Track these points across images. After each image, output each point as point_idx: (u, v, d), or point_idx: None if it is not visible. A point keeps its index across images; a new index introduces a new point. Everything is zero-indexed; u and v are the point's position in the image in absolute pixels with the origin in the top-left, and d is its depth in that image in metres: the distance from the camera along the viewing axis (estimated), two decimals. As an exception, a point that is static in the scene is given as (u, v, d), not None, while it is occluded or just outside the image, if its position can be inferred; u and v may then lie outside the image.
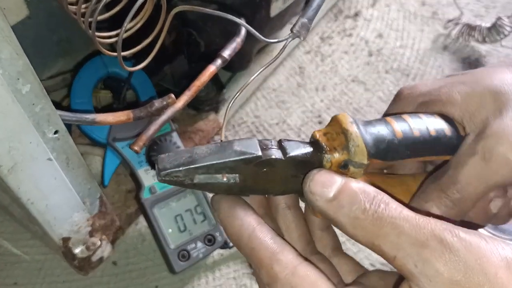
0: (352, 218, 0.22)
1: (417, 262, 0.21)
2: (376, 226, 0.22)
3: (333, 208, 0.23)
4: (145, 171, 0.56)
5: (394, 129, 0.27)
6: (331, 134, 0.26)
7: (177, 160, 0.24)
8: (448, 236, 0.21)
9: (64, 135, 0.42)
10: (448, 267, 0.20)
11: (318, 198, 0.23)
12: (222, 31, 0.61)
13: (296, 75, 0.83)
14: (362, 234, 0.22)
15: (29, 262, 0.61)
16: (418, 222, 0.21)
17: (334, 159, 0.25)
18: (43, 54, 0.67)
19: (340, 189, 0.23)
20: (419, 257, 0.21)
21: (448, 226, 0.21)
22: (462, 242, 0.21)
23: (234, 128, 0.75)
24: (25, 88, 0.36)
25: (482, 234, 0.22)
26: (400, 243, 0.21)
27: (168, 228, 0.56)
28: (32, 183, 0.41)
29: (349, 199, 0.23)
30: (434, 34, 0.89)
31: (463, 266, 0.20)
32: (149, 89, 0.63)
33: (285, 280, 0.23)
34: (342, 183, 0.23)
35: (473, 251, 0.21)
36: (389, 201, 0.22)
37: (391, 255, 0.22)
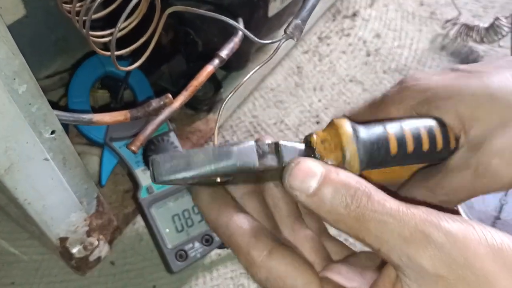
0: (334, 214, 0.22)
1: (401, 257, 0.21)
2: (358, 222, 0.21)
3: (314, 204, 0.22)
4: (142, 171, 0.56)
5: (391, 146, 0.27)
6: (329, 143, 0.26)
7: (172, 167, 0.23)
8: (433, 231, 0.20)
9: (61, 135, 0.42)
10: (432, 262, 0.20)
11: (298, 194, 0.22)
12: (220, 30, 0.61)
13: (294, 75, 0.83)
14: (346, 228, 0.22)
15: (27, 262, 0.61)
16: (402, 216, 0.21)
17: None
18: (40, 53, 0.67)
19: (320, 183, 0.22)
20: (403, 252, 0.21)
21: (433, 219, 0.21)
22: (448, 235, 0.20)
23: (231, 128, 0.75)
24: (21, 88, 0.35)
25: (469, 221, 0.21)
26: (383, 238, 0.21)
27: (166, 228, 0.56)
28: (29, 183, 0.41)
29: (330, 194, 0.22)
30: (432, 34, 0.89)
31: (448, 261, 0.20)
32: (147, 88, 0.63)
33: (261, 263, 0.24)
34: (322, 176, 0.22)
35: (458, 244, 0.20)
36: (371, 192, 0.22)
37: (375, 248, 0.21)
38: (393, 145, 0.27)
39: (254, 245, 0.24)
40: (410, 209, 0.21)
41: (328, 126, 0.27)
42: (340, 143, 0.25)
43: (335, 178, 0.22)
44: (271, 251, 0.24)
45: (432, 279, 0.20)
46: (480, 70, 0.30)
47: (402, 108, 0.30)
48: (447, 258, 0.20)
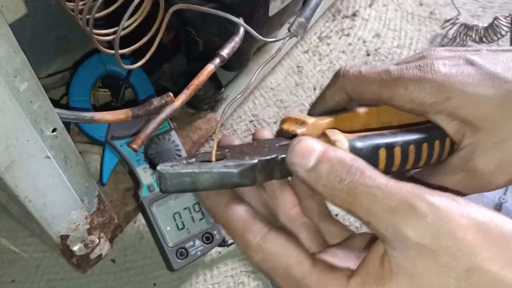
0: (330, 188, 0.23)
1: (388, 227, 0.22)
2: (351, 195, 0.23)
3: (312, 178, 0.24)
4: (143, 169, 0.56)
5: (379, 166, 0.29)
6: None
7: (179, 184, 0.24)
8: (417, 202, 0.21)
9: (62, 133, 0.42)
10: (416, 232, 0.21)
11: (298, 169, 0.24)
12: (221, 30, 0.61)
13: (294, 74, 0.83)
14: (339, 201, 0.24)
15: (27, 259, 0.61)
16: (390, 189, 0.22)
17: None
18: (41, 52, 0.67)
19: (318, 159, 0.24)
20: (389, 222, 0.22)
21: (419, 192, 0.22)
22: (431, 207, 0.21)
23: (232, 126, 0.75)
24: (22, 85, 0.36)
25: (455, 196, 0.22)
26: (372, 210, 0.22)
27: (167, 226, 0.56)
28: (29, 181, 0.41)
29: (326, 169, 0.23)
30: (432, 34, 0.89)
31: (431, 231, 0.21)
32: (148, 87, 0.63)
33: (256, 246, 0.25)
34: (321, 153, 0.24)
35: (441, 215, 0.21)
36: (364, 169, 0.23)
37: (365, 220, 0.23)
38: (381, 165, 0.29)
39: (249, 228, 0.26)
40: (398, 183, 0.23)
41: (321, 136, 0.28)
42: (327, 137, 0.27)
43: (332, 155, 0.24)
44: (266, 234, 0.26)
45: (416, 249, 0.21)
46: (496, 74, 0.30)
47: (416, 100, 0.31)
48: (430, 228, 0.21)
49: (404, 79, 0.31)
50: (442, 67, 0.30)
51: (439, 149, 0.31)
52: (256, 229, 0.26)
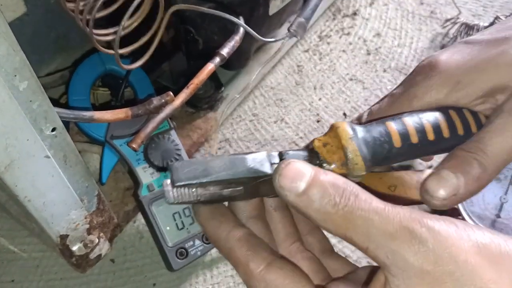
0: (323, 213, 0.22)
1: (388, 254, 0.21)
2: (346, 220, 0.22)
3: (303, 203, 0.23)
4: (143, 169, 0.56)
5: (393, 139, 0.28)
6: (331, 146, 0.26)
7: (190, 172, 0.24)
8: (417, 227, 0.21)
9: (62, 132, 0.42)
10: (417, 258, 0.21)
11: (287, 194, 0.23)
12: (221, 29, 0.61)
13: (294, 74, 0.83)
14: (333, 227, 0.22)
15: (26, 259, 0.61)
16: (387, 214, 0.21)
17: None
18: (41, 51, 0.67)
19: (309, 183, 0.22)
20: (389, 248, 0.21)
21: (417, 216, 0.21)
22: (431, 231, 0.21)
23: (232, 126, 0.75)
24: (22, 84, 0.35)
25: (453, 220, 0.22)
26: (370, 235, 0.21)
27: (166, 225, 0.56)
28: (29, 180, 0.41)
29: (318, 194, 0.22)
30: (432, 33, 0.89)
31: (433, 256, 0.20)
32: (147, 86, 0.63)
33: (259, 276, 0.24)
34: (312, 177, 0.23)
35: (441, 240, 0.21)
36: (358, 192, 0.22)
37: (363, 246, 0.22)
38: (395, 138, 0.28)
39: (252, 258, 0.25)
40: (395, 208, 0.22)
41: (329, 130, 0.27)
42: (340, 144, 0.26)
43: (324, 179, 0.23)
44: (270, 264, 0.24)
45: (418, 276, 0.21)
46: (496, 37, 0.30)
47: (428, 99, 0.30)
48: (432, 253, 0.21)
49: (410, 90, 0.31)
50: (441, 57, 0.30)
51: (459, 118, 0.30)
52: (259, 259, 0.25)
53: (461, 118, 0.30)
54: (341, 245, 0.63)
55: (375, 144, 0.27)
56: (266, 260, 0.25)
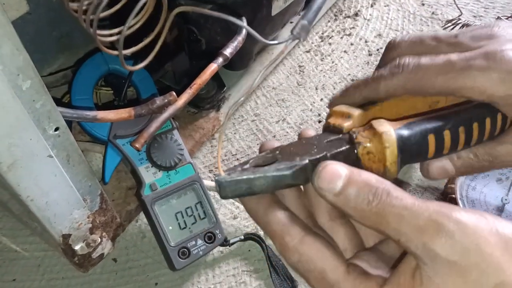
0: (358, 210, 0.24)
1: (417, 245, 0.23)
2: (379, 216, 0.24)
3: (340, 202, 0.25)
4: (145, 168, 0.56)
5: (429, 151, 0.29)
6: (373, 156, 0.28)
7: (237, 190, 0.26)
8: (445, 220, 0.22)
9: (65, 132, 0.42)
10: (445, 249, 0.22)
11: (326, 194, 0.25)
12: (224, 29, 0.61)
13: (296, 74, 0.83)
14: (368, 222, 0.25)
15: (28, 258, 0.61)
16: (417, 209, 0.23)
17: None
18: (44, 50, 0.67)
19: (345, 183, 0.25)
20: (418, 241, 0.23)
21: (446, 210, 0.23)
22: (459, 224, 0.22)
23: (234, 126, 0.75)
24: (25, 84, 0.35)
25: (483, 213, 0.23)
26: (401, 229, 0.23)
27: (169, 225, 0.56)
28: (32, 180, 0.41)
29: (354, 193, 0.24)
30: (434, 33, 0.89)
31: (460, 248, 0.22)
32: (150, 86, 0.63)
33: (294, 248, 0.26)
34: (347, 177, 0.25)
35: (469, 232, 0.22)
36: (390, 190, 0.24)
37: (395, 239, 0.24)
38: (431, 151, 0.29)
39: (287, 231, 0.27)
40: (425, 203, 0.23)
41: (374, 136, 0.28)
42: (384, 160, 0.28)
43: (358, 178, 0.25)
44: (303, 237, 0.26)
45: (446, 265, 0.22)
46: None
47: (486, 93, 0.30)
48: (459, 245, 0.22)
49: (471, 70, 0.30)
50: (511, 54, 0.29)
51: (490, 127, 0.31)
52: (294, 232, 0.27)
53: (491, 127, 0.31)
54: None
55: (412, 157, 0.28)
56: (300, 233, 0.27)
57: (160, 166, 0.56)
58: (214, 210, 0.58)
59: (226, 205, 0.66)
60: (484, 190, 0.61)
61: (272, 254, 0.60)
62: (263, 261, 0.61)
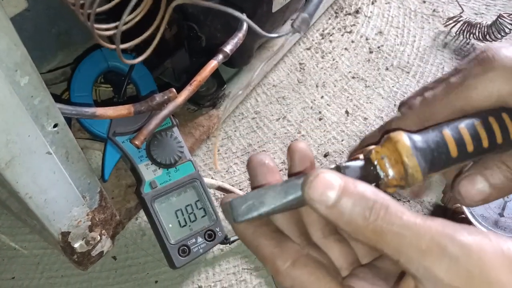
0: (353, 226, 0.22)
1: (419, 268, 0.21)
2: (376, 234, 0.22)
3: (333, 215, 0.23)
4: (145, 166, 0.56)
5: (450, 149, 0.28)
6: (389, 158, 0.26)
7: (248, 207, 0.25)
8: (448, 243, 0.21)
9: (64, 128, 0.41)
10: (448, 274, 0.21)
11: (318, 206, 0.23)
12: (224, 25, 0.61)
13: (296, 71, 0.82)
14: (365, 240, 0.23)
15: (27, 256, 0.61)
16: (418, 229, 0.21)
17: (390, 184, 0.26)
18: (43, 47, 0.67)
19: (339, 195, 0.22)
20: (420, 264, 0.21)
21: (450, 231, 0.21)
22: (463, 249, 0.21)
23: (234, 123, 0.75)
24: (23, 80, 0.35)
25: (487, 233, 0.22)
26: (401, 250, 0.22)
27: (169, 223, 0.55)
28: (30, 177, 0.41)
29: (348, 206, 0.22)
30: (435, 31, 0.89)
31: (464, 273, 0.21)
32: (150, 83, 0.62)
33: (285, 273, 0.25)
34: (341, 188, 0.22)
35: (473, 256, 0.21)
36: (388, 205, 0.22)
37: (394, 259, 0.22)
38: (452, 148, 0.28)
39: (279, 255, 0.25)
40: (426, 221, 0.22)
41: (386, 141, 0.27)
42: (400, 158, 0.26)
43: (353, 190, 0.22)
44: (296, 261, 0.25)
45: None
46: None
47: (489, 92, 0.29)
48: (463, 270, 0.21)
49: (469, 81, 0.29)
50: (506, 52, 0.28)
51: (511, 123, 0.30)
52: (286, 256, 0.25)
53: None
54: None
55: (433, 156, 0.27)
56: (292, 257, 0.25)
57: (160, 163, 0.56)
58: (214, 208, 0.58)
59: (226, 203, 0.66)
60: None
61: (272, 252, 0.60)
62: (263, 259, 0.60)
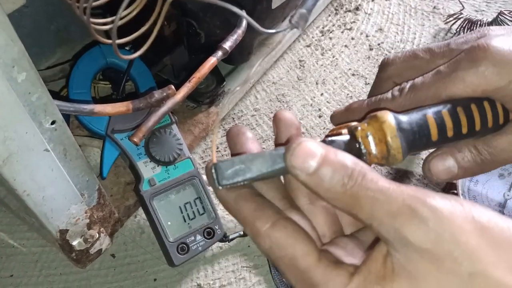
0: (332, 192, 0.23)
1: (389, 230, 0.22)
2: (353, 199, 0.23)
3: (313, 182, 0.23)
4: (144, 163, 0.55)
5: (431, 133, 0.29)
6: (373, 137, 0.27)
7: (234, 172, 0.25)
8: (419, 206, 0.21)
9: (62, 125, 0.41)
10: (417, 236, 0.21)
11: (299, 173, 0.24)
12: (223, 22, 0.61)
13: (296, 69, 0.82)
14: (341, 205, 0.24)
15: (26, 254, 0.61)
16: (391, 193, 0.22)
17: (371, 162, 0.27)
18: (41, 43, 0.67)
19: (320, 163, 0.23)
20: (391, 226, 0.22)
21: (421, 195, 0.22)
22: (433, 211, 0.21)
23: (234, 121, 0.75)
24: (20, 76, 0.35)
25: (460, 200, 0.22)
26: (374, 213, 0.22)
27: (167, 220, 0.55)
28: (28, 174, 0.40)
29: (328, 174, 0.23)
30: (435, 28, 0.89)
31: (433, 235, 0.21)
32: (149, 80, 0.62)
33: (265, 234, 0.25)
34: (322, 157, 0.23)
35: (443, 219, 0.21)
36: (366, 172, 0.23)
37: (367, 223, 0.23)
38: (434, 132, 0.29)
39: (259, 217, 0.26)
40: (400, 187, 0.22)
41: (372, 119, 0.27)
42: (384, 138, 0.27)
43: (334, 159, 0.23)
44: (275, 223, 0.26)
45: (418, 253, 0.21)
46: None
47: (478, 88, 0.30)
48: (432, 233, 0.21)
49: (458, 72, 0.30)
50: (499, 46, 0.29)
51: (491, 112, 0.31)
52: (265, 217, 0.26)
53: (493, 112, 0.31)
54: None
55: (415, 138, 0.28)
56: (272, 219, 0.26)
57: (158, 161, 0.55)
58: (214, 206, 0.57)
59: (226, 201, 0.66)
60: (486, 185, 0.60)
61: (272, 250, 0.59)
62: (262, 257, 0.60)
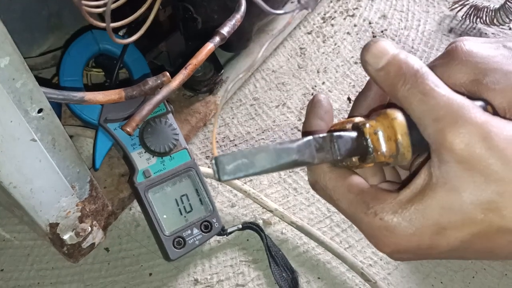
0: (393, 88, 0.26)
1: (431, 133, 0.24)
2: (408, 98, 0.25)
3: (380, 77, 0.27)
4: (138, 154, 0.53)
5: None
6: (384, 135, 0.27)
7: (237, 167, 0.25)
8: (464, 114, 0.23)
9: (50, 114, 0.39)
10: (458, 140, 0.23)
11: (369, 68, 0.27)
12: (221, 6, 0.58)
13: (296, 56, 0.80)
14: (398, 101, 0.26)
15: (17, 248, 0.59)
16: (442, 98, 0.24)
17: (377, 160, 0.27)
18: (32, 29, 0.64)
19: (388, 61, 0.26)
20: (435, 128, 0.24)
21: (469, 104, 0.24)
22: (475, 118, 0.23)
23: (232, 110, 0.72)
24: (3, 61, 0.33)
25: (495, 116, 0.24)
26: (423, 115, 0.25)
27: (163, 213, 0.53)
28: (14, 165, 0.38)
29: (393, 71, 0.26)
30: (440, 15, 0.86)
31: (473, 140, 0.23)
32: (143, 67, 0.60)
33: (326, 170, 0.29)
34: (392, 56, 0.26)
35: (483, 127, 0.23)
36: (428, 76, 0.25)
37: (416, 120, 0.25)
38: None
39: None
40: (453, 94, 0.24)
41: (382, 116, 0.27)
42: (394, 136, 0.26)
43: (402, 59, 0.26)
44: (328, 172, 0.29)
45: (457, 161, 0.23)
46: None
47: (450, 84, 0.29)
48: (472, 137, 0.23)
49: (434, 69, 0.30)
50: (474, 46, 0.29)
51: None
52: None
53: None
54: (345, 234, 0.61)
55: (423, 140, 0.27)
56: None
57: (154, 151, 0.53)
58: (211, 198, 0.55)
59: (224, 193, 0.64)
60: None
61: (271, 244, 0.58)
62: (262, 251, 0.58)
